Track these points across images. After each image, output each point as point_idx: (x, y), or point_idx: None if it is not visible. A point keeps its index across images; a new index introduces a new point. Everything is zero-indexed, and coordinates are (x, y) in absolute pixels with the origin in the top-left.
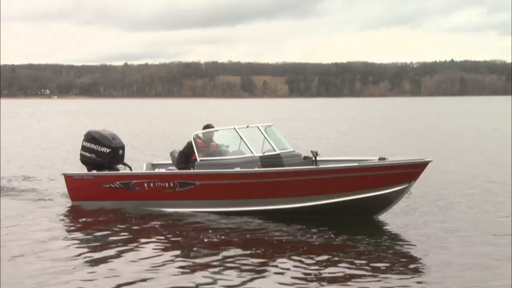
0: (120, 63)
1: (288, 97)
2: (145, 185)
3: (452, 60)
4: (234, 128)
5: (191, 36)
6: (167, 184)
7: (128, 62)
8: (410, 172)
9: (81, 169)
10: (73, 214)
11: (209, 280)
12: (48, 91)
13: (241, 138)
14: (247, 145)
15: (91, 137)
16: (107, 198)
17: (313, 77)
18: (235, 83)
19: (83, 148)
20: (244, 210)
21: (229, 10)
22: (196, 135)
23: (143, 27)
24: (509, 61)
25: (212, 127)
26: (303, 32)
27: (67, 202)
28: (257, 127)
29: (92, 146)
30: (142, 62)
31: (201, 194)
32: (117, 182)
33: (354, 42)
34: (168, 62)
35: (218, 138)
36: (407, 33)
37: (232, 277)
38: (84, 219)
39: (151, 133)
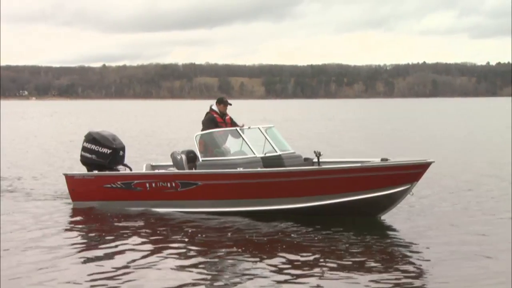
0: (98, 64)
1: (264, 99)
2: (147, 185)
3: (424, 62)
4: (236, 129)
5: (169, 38)
6: (169, 184)
7: (106, 64)
8: (412, 173)
9: (81, 170)
10: (74, 214)
11: (211, 281)
12: (26, 92)
13: (243, 138)
14: (249, 146)
15: (91, 138)
16: (108, 198)
17: (289, 79)
18: (213, 85)
19: (84, 149)
20: (246, 210)
21: (207, 12)
22: (200, 135)
23: (121, 29)
24: (479, 63)
25: (226, 100)
26: (280, 35)
27: (67, 203)
28: (258, 128)
29: (93, 147)
30: (120, 63)
31: (203, 194)
32: (119, 182)
33: (330, 44)
34: (146, 63)
35: (220, 138)
36: (381, 35)
37: (234, 277)
38: (85, 220)
39: (142, 135)
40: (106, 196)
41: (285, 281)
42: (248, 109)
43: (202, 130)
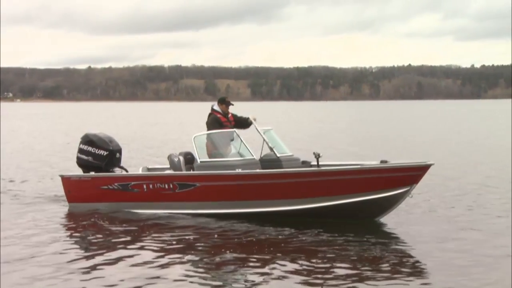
0: (83, 66)
1: (250, 101)
2: (144, 186)
3: (410, 64)
4: (235, 131)
5: (155, 40)
6: (166, 186)
7: (92, 66)
8: (412, 175)
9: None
10: (70, 216)
11: (210, 283)
12: (11, 94)
13: (241, 140)
14: (247, 147)
15: (88, 140)
16: (105, 200)
17: (275, 81)
18: (199, 87)
19: (80, 150)
20: (245, 212)
21: (194, 14)
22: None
23: (107, 30)
24: (464, 65)
25: (228, 100)
26: (266, 37)
27: (63, 205)
28: (257, 129)
29: (89, 148)
30: (106, 65)
31: (201, 196)
32: (116, 184)
33: (316, 46)
34: (132, 65)
35: (218, 140)
36: (367, 38)
37: (231, 280)
38: (81, 221)
39: (133, 137)
40: (103, 197)
41: (286, 285)
42: (235, 111)
43: (207, 131)
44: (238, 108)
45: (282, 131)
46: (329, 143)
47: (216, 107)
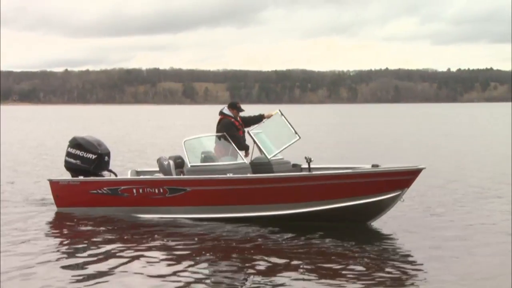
0: (60, 69)
1: None
2: (134, 191)
3: (387, 68)
4: (224, 134)
5: (133, 43)
6: (156, 190)
7: (69, 69)
8: (403, 179)
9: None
10: (59, 221)
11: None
12: None
13: (232, 144)
14: (237, 151)
15: (76, 143)
16: (94, 205)
17: (253, 84)
18: (177, 90)
19: (68, 154)
20: (236, 217)
21: (172, 17)
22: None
23: (85, 33)
24: (440, 69)
25: (240, 106)
26: (245, 40)
27: (52, 210)
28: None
29: (78, 152)
30: (83, 68)
31: (192, 200)
32: (105, 188)
33: (294, 50)
34: (109, 68)
35: (208, 144)
36: (345, 41)
37: (224, 285)
38: (70, 227)
39: (118, 140)
40: (92, 202)
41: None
42: (215, 114)
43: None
44: (217, 112)
45: None
46: (313, 146)
47: (227, 111)
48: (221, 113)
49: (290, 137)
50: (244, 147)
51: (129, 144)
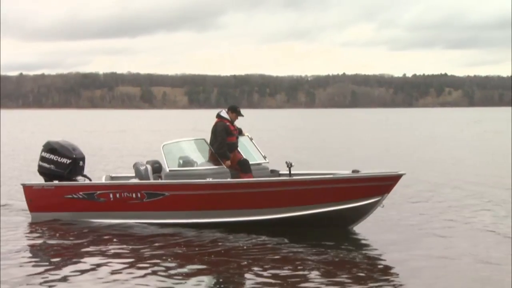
0: (15, 73)
1: (187, 108)
2: (111, 195)
3: (344, 73)
4: (204, 139)
5: (90, 47)
6: (134, 195)
7: (24, 73)
8: (383, 185)
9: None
10: (32, 226)
11: None
12: None
13: (211, 148)
14: (216, 156)
15: (50, 148)
16: (69, 209)
17: (212, 89)
18: (135, 94)
19: (42, 158)
20: (215, 222)
21: (130, 21)
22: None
23: (41, 37)
24: (396, 75)
25: (240, 110)
26: (203, 45)
27: (25, 215)
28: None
29: (52, 156)
30: (39, 72)
31: (170, 205)
32: (81, 193)
33: (253, 55)
34: (65, 72)
35: (187, 149)
36: (303, 46)
37: None
38: (43, 231)
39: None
40: (67, 207)
41: None
42: (173, 119)
43: (215, 139)
44: (176, 116)
45: None
46: (275, 151)
47: (224, 114)
48: (217, 115)
49: (259, 158)
50: (224, 155)
51: (92, 149)
